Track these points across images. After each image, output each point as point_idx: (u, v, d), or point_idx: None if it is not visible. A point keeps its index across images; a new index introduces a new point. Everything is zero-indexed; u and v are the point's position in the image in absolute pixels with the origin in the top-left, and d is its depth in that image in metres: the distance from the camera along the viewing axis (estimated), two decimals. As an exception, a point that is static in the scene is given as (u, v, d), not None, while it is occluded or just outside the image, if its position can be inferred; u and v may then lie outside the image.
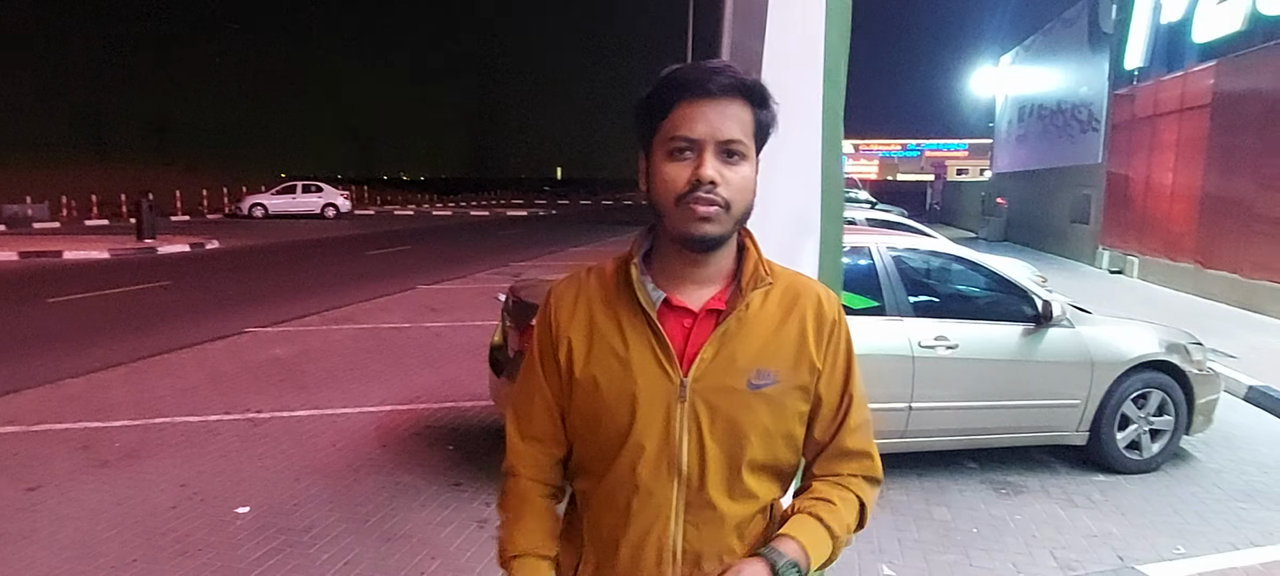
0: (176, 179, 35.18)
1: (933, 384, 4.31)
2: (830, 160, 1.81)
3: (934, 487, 4.39)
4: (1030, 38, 23.02)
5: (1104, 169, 15.96)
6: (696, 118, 1.05)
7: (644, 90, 1.11)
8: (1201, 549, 3.70)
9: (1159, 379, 4.64)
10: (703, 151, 1.05)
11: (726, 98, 1.06)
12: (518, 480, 1.24)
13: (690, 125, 1.05)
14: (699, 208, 1.05)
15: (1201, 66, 12.08)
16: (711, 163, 1.05)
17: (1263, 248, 10.08)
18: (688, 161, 1.06)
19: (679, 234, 1.09)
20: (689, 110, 1.06)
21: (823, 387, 1.18)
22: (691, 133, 1.05)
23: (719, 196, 1.05)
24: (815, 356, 1.16)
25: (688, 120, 1.06)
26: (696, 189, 1.05)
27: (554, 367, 1.19)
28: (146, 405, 5.57)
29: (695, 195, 1.05)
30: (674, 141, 1.07)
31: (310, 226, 25.83)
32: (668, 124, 1.07)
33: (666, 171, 1.07)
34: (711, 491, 1.13)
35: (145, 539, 3.58)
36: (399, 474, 4.41)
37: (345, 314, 9.36)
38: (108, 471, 4.37)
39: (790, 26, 1.69)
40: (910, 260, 4.83)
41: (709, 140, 1.05)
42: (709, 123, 1.05)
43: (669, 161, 1.07)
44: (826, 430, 1.20)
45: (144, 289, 11.35)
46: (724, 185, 1.06)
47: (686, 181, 1.05)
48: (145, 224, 17.77)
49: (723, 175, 1.06)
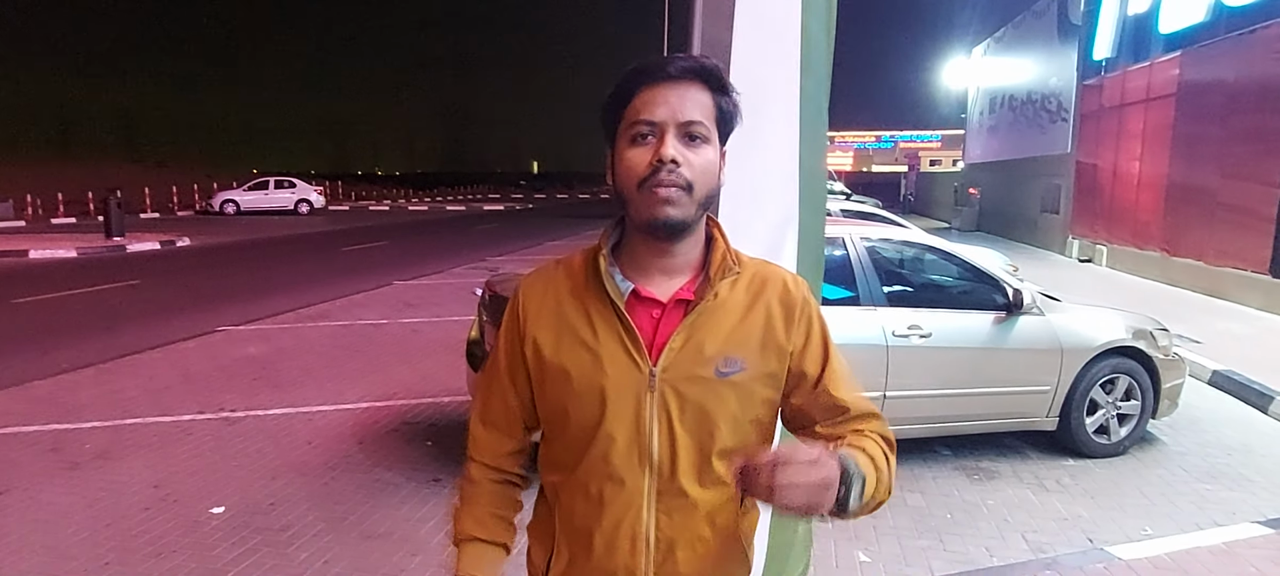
0: (145, 175, 34.53)
1: (907, 373, 4.38)
2: (809, 152, 1.81)
3: (908, 474, 4.46)
4: (1001, 29, 23.29)
5: (1073, 159, 16.22)
6: (656, 101, 1.07)
7: (609, 89, 1.13)
8: (1167, 529, 3.80)
9: (1126, 364, 4.75)
10: (664, 134, 1.07)
11: (685, 80, 1.08)
12: (473, 464, 1.28)
13: (650, 109, 1.07)
14: (661, 190, 1.06)
15: (1167, 57, 12.31)
16: (672, 143, 1.06)
17: (1226, 235, 10.31)
18: (649, 145, 1.07)
19: (643, 220, 1.09)
20: (649, 94, 1.07)
21: (806, 364, 1.17)
22: (652, 116, 1.07)
23: (681, 177, 1.06)
24: (784, 340, 1.16)
25: (648, 104, 1.07)
26: (659, 171, 1.06)
27: (519, 361, 1.20)
28: (117, 405, 5.48)
29: (657, 177, 1.06)
30: (635, 126, 1.08)
31: (284, 222, 25.50)
32: (629, 111, 1.09)
33: (629, 156, 1.08)
34: (683, 479, 1.14)
35: (118, 541, 3.53)
36: (377, 471, 4.39)
37: (320, 311, 9.27)
38: (78, 473, 4.31)
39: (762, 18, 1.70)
40: (884, 250, 4.89)
41: (670, 122, 1.07)
42: (669, 105, 1.07)
43: (631, 147, 1.08)
44: (822, 403, 1.17)
45: (113, 288, 11.15)
46: (686, 166, 1.06)
47: (648, 164, 1.06)
48: (114, 221, 17.42)
49: (685, 156, 1.07)
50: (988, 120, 24.97)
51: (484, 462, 1.27)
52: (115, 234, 17.31)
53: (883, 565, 3.45)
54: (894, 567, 3.43)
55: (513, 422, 1.25)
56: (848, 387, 1.20)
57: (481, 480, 1.27)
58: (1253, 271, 9.67)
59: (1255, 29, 9.96)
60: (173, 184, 31.97)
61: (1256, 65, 9.89)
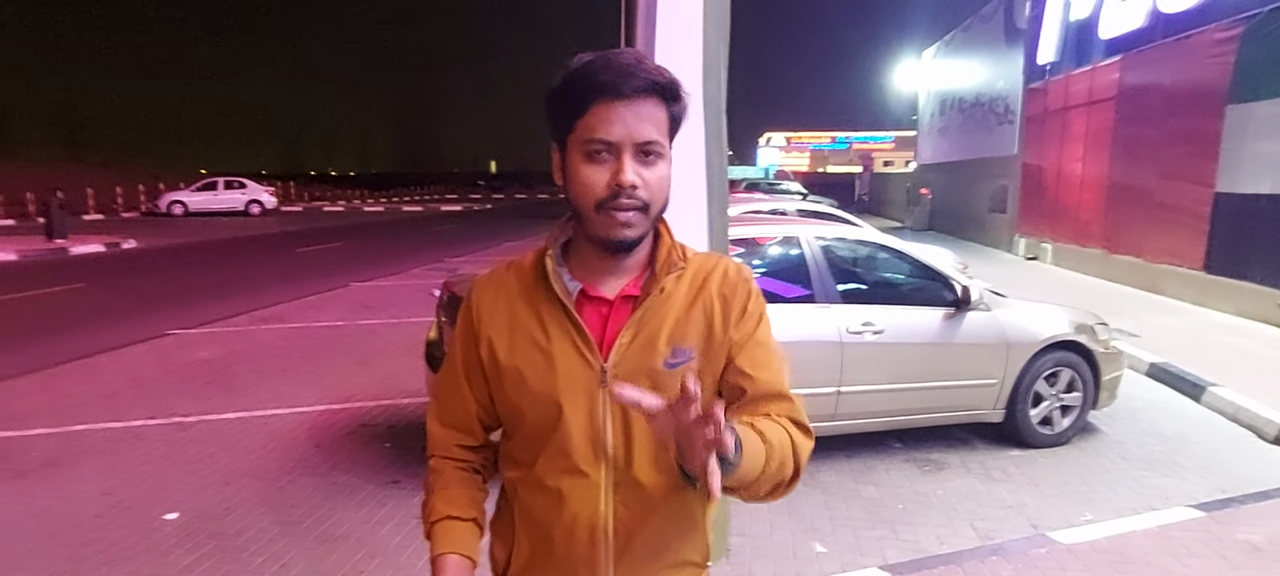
0: (88, 176, 33.22)
1: (860, 368, 4.49)
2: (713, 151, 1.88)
3: (862, 467, 4.58)
4: (950, 33, 23.83)
5: (1019, 160, 16.68)
6: (613, 120, 1.06)
7: (555, 79, 1.10)
8: (1107, 515, 3.97)
9: (1068, 358, 4.93)
10: (621, 155, 1.07)
11: (640, 98, 1.07)
12: (436, 459, 1.29)
13: (607, 127, 1.06)
14: (620, 215, 1.07)
15: (1107, 62, 12.74)
16: (630, 166, 1.06)
17: (1162, 233, 10.73)
18: (606, 164, 1.07)
19: (600, 239, 1.11)
20: (605, 112, 1.06)
21: (735, 350, 1.19)
22: (608, 135, 1.06)
23: (638, 198, 1.08)
24: (721, 327, 1.18)
25: (604, 123, 1.06)
26: (618, 195, 1.06)
27: (475, 362, 1.21)
28: (65, 412, 5.33)
29: (616, 202, 1.07)
30: (591, 144, 1.07)
31: (234, 224, 24.90)
32: (583, 125, 1.08)
33: (585, 174, 1.08)
34: (638, 470, 1.16)
35: (69, 550, 3.45)
36: (334, 474, 4.35)
37: (274, 313, 9.10)
38: (25, 482, 4.19)
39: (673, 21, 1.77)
40: (838, 249, 5.01)
41: (626, 142, 1.06)
42: (626, 125, 1.06)
43: (587, 164, 1.08)
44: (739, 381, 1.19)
45: (57, 292, 10.78)
46: (643, 187, 1.08)
47: (606, 186, 1.07)
48: (56, 223, 16.83)
49: (642, 177, 1.08)
50: (938, 122, 25.54)
51: (445, 456, 1.28)
52: (57, 236, 16.73)
53: (838, 555, 3.54)
54: (849, 558, 3.52)
55: (470, 421, 1.26)
56: (770, 374, 1.18)
57: (445, 468, 1.28)
58: (1188, 268, 10.08)
59: (1191, 35, 10.36)
60: (117, 184, 30.86)
61: (1192, 70, 10.29)
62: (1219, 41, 9.72)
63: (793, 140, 67.31)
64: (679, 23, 1.76)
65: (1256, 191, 9.03)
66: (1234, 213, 9.36)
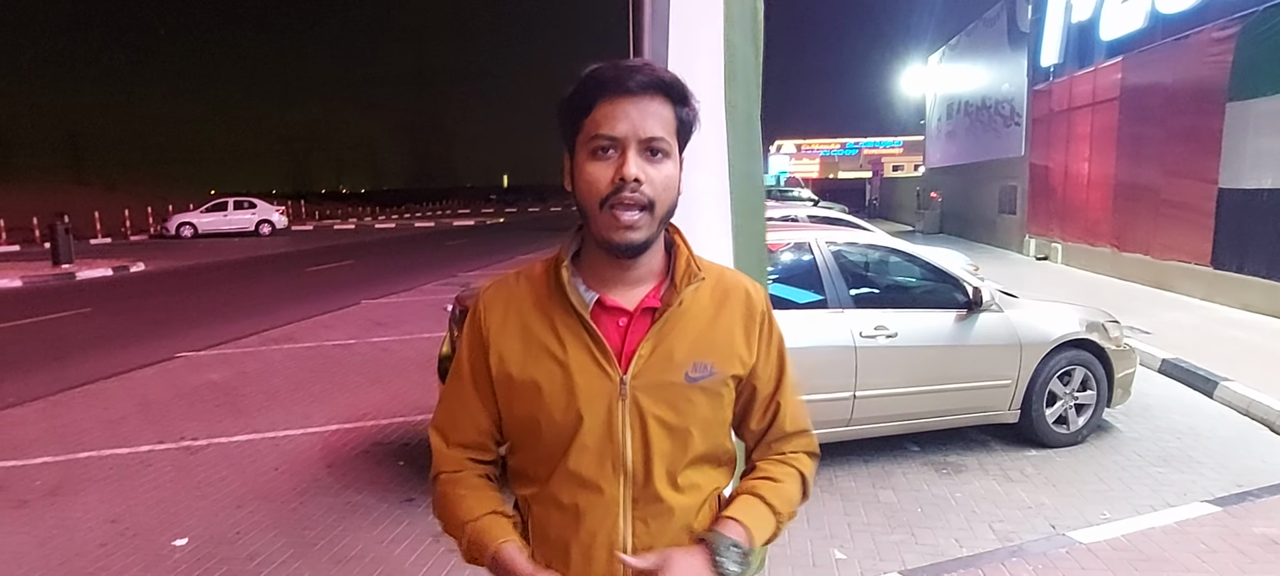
0: (95, 199, 33.49)
1: (875, 372, 4.46)
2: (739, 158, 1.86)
3: (880, 472, 4.54)
4: (955, 37, 23.84)
5: (1027, 161, 16.66)
6: (618, 116, 1.06)
7: (566, 90, 1.11)
8: (1125, 513, 3.93)
9: (1081, 356, 4.90)
10: (625, 150, 1.06)
11: (646, 95, 1.07)
12: (443, 475, 1.23)
13: (611, 123, 1.06)
14: (621, 214, 1.06)
15: (1109, 62, 12.74)
16: (634, 160, 1.05)
17: (1170, 230, 10.70)
18: (610, 160, 1.06)
19: (604, 241, 1.09)
20: (610, 108, 1.06)
21: (758, 378, 1.21)
22: (613, 131, 1.06)
23: (643, 195, 1.06)
24: (745, 350, 1.19)
25: (609, 118, 1.06)
26: (621, 189, 1.05)
27: (484, 374, 1.18)
28: (69, 439, 5.31)
29: (619, 197, 1.05)
30: (596, 140, 1.07)
31: (244, 244, 24.98)
32: (589, 123, 1.08)
33: (590, 171, 1.07)
34: (658, 485, 1.14)
35: None
36: (347, 493, 4.33)
37: (285, 333, 9.10)
38: (28, 511, 4.15)
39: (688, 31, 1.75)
40: (850, 254, 4.99)
41: (631, 138, 1.06)
42: (630, 120, 1.05)
43: (592, 161, 1.07)
44: (763, 417, 1.24)
45: (63, 317, 10.81)
46: (648, 183, 1.06)
47: (610, 181, 1.06)
48: (62, 247, 16.89)
49: (646, 173, 1.06)
50: (946, 126, 25.52)
51: (453, 470, 1.23)
52: (63, 261, 16.80)
53: (857, 561, 3.50)
54: (868, 563, 3.49)
55: (482, 436, 1.23)
56: (793, 411, 1.26)
57: (464, 478, 1.23)
58: (1195, 264, 10.04)
59: (1189, 34, 10.38)
60: (124, 207, 31.11)
61: (1192, 69, 10.30)
62: (1216, 41, 9.76)
63: (803, 147, 67.51)
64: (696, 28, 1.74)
65: (1259, 186, 9.03)
66: (1238, 208, 9.35)
